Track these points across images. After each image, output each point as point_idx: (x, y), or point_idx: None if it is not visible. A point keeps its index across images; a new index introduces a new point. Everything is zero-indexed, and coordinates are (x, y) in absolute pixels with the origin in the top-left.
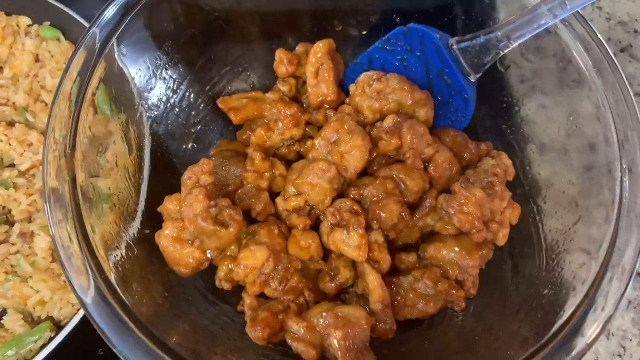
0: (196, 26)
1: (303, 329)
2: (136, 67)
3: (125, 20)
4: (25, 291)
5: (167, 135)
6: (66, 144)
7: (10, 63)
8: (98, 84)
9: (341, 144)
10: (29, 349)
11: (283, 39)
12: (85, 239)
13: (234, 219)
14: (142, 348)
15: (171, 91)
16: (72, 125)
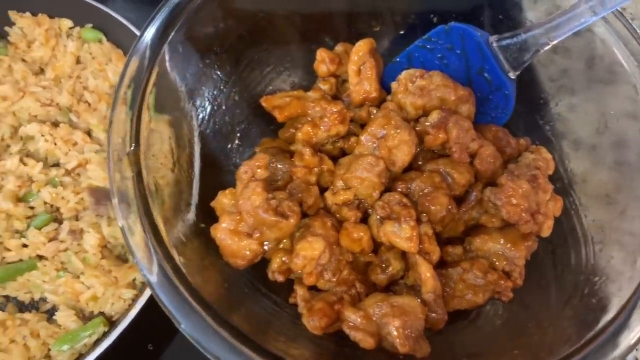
0: (241, 27)
1: (360, 319)
2: (185, 69)
3: (175, 24)
4: (77, 287)
5: (214, 134)
6: (128, 144)
7: (52, 65)
8: (152, 87)
9: (389, 139)
10: (84, 343)
11: (321, 40)
12: (152, 229)
13: (293, 210)
14: (207, 328)
15: (218, 91)
16: (132, 127)
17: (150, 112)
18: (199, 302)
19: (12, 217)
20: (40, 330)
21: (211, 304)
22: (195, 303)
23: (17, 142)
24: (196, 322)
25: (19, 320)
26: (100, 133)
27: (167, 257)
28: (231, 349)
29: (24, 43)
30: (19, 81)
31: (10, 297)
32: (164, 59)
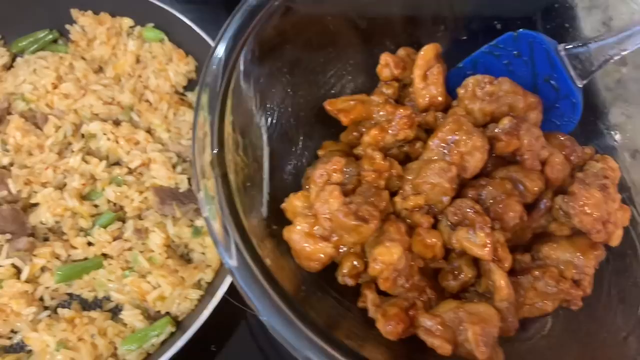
0: (308, 32)
1: (437, 325)
2: (257, 74)
3: (248, 30)
4: (144, 287)
5: (280, 138)
6: (210, 146)
7: (112, 63)
8: (229, 92)
9: (460, 144)
10: (152, 343)
11: (382, 44)
12: (236, 223)
13: (373, 215)
14: (285, 318)
15: (284, 94)
16: (213, 131)
17: (229, 116)
18: (278, 294)
19: (77, 215)
20: (107, 328)
21: (290, 296)
22: (274, 294)
23: (79, 140)
24: (274, 313)
25: (86, 319)
26: (162, 133)
27: (250, 249)
28: (309, 341)
29: (84, 41)
30: (80, 79)
31: (74, 295)
32: (238, 64)
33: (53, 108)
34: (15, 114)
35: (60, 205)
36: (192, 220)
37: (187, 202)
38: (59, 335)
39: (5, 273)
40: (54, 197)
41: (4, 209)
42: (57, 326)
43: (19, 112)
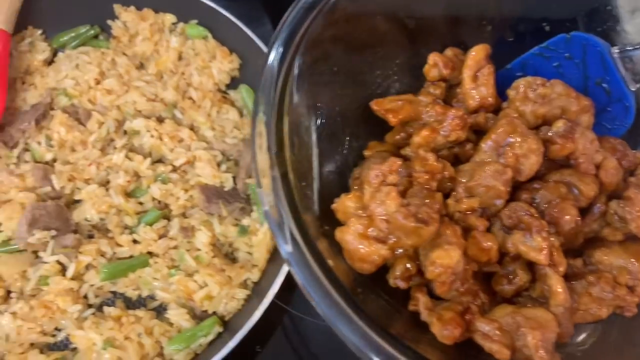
0: (357, 32)
1: (495, 330)
2: (309, 75)
3: (301, 31)
4: (191, 286)
5: (328, 139)
6: (271, 146)
7: (154, 60)
8: (285, 92)
9: (515, 147)
10: (199, 343)
11: (427, 44)
12: (296, 220)
13: (432, 217)
14: (342, 312)
15: (333, 94)
16: (270, 130)
17: (286, 116)
18: (337, 289)
19: (122, 212)
20: (153, 328)
21: (347, 290)
22: (333, 288)
23: (122, 137)
24: (336, 309)
25: (132, 317)
26: (206, 130)
27: (309, 244)
28: (363, 334)
29: (126, 37)
30: (123, 75)
31: (117, 293)
32: (293, 65)
33: (95, 104)
34: (58, 110)
35: (105, 202)
36: (237, 219)
37: (232, 200)
38: (106, 333)
39: (51, 270)
40: (99, 194)
41: (49, 205)
42: (104, 324)
43: (61, 108)
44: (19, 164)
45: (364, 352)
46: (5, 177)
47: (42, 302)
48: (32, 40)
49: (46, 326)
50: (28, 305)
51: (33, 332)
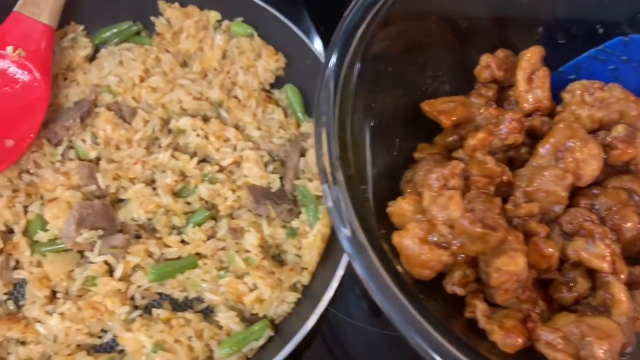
0: (412, 30)
1: (559, 339)
2: (365, 74)
3: (357, 35)
4: (241, 288)
5: (378, 139)
6: (333, 148)
7: (199, 58)
8: (343, 96)
9: (575, 151)
10: (250, 347)
11: (476, 46)
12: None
13: (499, 223)
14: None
15: (385, 95)
16: (333, 133)
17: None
18: (400, 288)
19: (170, 212)
20: (203, 330)
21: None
22: (397, 287)
23: (166, 136)
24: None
25: (182, 320)
26: (253, 130)
27: (372, 241)
28: (421, 328)
29: (169, 34)
30: (167, 73)
31: (164, 295)
32: (352, 68)
33: (140, 102)
34: (102, 107)
35: (153, 201)
36: (285, 221)
37: (280, 202)
38: (156, 336)
39: (98, 270)
40: (146, 194)
41: (96, 204)
42: (154, 327)
43: (105, 105)
44: (64, 162)
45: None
46: (50, 174)
47: (90, 303)
48: (75, 36)
49: (93, 328)
50: (76, 306)
51: (80, 333)
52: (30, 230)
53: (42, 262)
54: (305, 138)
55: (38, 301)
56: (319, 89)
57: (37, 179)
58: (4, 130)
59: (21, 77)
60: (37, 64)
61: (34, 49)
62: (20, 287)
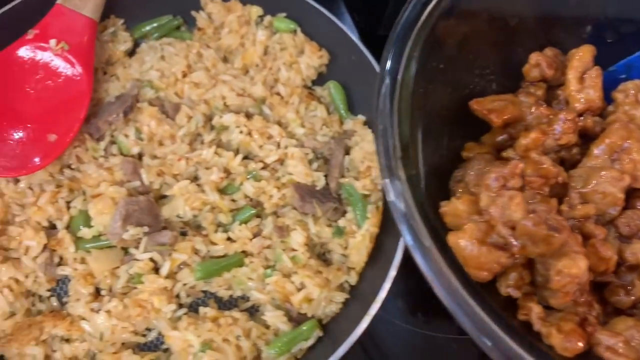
0: (463, 27)
1: (620, 343)
2: (422, 71)
3: (415, 27)
4: (288, 287)
5: (427, 139)
6: (394, 146)
7: (240, 53)
8: (401, 94)
9: (632, 152)
10: (300, 348)
11: (524, 44)
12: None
13: (562, 225)
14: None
15: (436, 94)
16: (393, 131)
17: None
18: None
19: (215, 209)
20: (251, 330)
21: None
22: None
23: (209, 132)
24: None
25: (230, 319)
26: (297, 128)
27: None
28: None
29: (210, 29)
30: (209, 68)
31: (208, 293)
32: (409, 66)
33: (182, 97)
34: (145, 102)
35: (199, 198)
36: (330, 220)
37: (325, 200)
38: (204, 335)
39: (144, 267)
40: (191, 190)
41: (141, 200)
42: (202, 326)
43: (147, 100)
44: (107, 157)
45: None
46: (94, 170)
47: (136, 301)
48: (115, 30)
49: (138, 326)
50: (122, 304)
51: (126, 331)
52: (73, 226)
53: (86, 259)
54: (349, 136)
55: (83, 298)
56: (378, 86)
57: (80, 174)
58: (47, 124)
59: (64, 70)
60: (79, 58)
61: (76, 42)
62: (63, 283)
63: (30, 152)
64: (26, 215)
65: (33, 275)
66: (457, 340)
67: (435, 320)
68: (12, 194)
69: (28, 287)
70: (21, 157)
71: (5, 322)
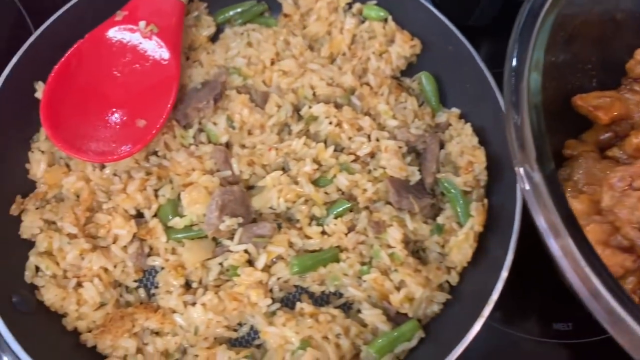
0: (575, 21)
1: None
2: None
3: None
4: (387, 285)
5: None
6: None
7: (325, 42)
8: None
9: None
10: (402, 349)
11: (625, 39)
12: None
13: None
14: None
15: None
16: (525, 123)
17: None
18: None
19: (309, 202)
20: (350, 328)
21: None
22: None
23: (297, 122)
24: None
25: (328, 316)
26: (389, 119)
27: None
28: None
29: (297, 15)
30: (297, 57)
31: (299, 288)
32: (532, 60)
33: (270, 86)
34: (232, 90)
35: (292, 190)
36: (425, 216)
37: (421, 196)
38: (303, 332)
39: (239, 260)
40: (284, 181)
41: (236, 190)
42: (301, 322)
43: (234, 88)
44: (198, 146)
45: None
46: (184, 158)
47: (231, 294)
48: (198, 15)
49: (231, 320)
50: (217, 297)
51: (220, 325)
52: (161, 215)
53: (177, 250)
54: (443, 129)
55: (174, 290)
56: (507, 77)
57: (167, 162)
58: (136, 109)
59: (152, 54)
60: (168, 41)
61: (165, 25)
62: (150, 274)
63: (119, 137)
64: (114, 203)
65: (121, 265)
66: (540, 343)
67: (515, 318)
68: (98, 180)
69: (116, 278)
70: (110, 142)
71: (95, 312)
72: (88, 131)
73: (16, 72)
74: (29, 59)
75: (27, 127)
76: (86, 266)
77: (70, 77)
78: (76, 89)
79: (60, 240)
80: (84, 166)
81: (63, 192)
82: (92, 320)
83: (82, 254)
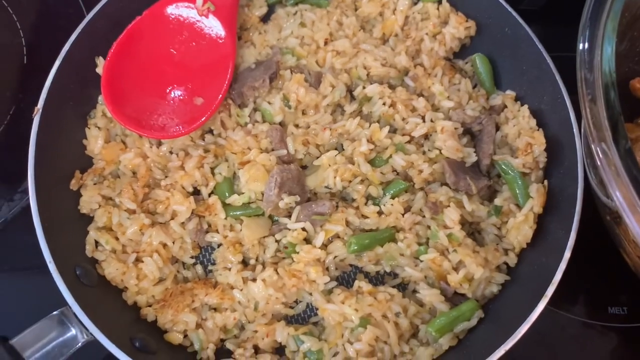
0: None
1: None
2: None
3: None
4: (445, 265)
5: None
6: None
7: (377, 23)
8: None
9: None
10: (462, 329)
11: None
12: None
13: None
14: None
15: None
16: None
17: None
18: None
19: (365, 181)
20: (408, 307)
21: None
22: None
23: (350, 102)
24: None
25: (387, 295)
26: (443, 100)
27: None
28: None
29: None
30: (350, 37)
31: (354, 267)
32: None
33: (323, 66)
34: (286, 70)
35: (348, 169)
36: (482, 198)
37: (478, 177)
38: (363, 309)
39: (297, 237)
40: (339, 161)
41: (293, 168)
42: (362, 300)
43: (288, 67)
44: (254, 124)
45: None
46: (240, 136)
47: (290, 271)
48: None
49: (289, 297)
50: (276, 274)
51: (279, 302)
52: (217, 192)
53: (234, 227)
54: (497, 111)
55: (233, 267)
56: (581, 59)
57: (223, 140)
58: (193, 87)
59: (208, 32)
60: (224, 20)
61: (221, 4)
62: (206, 251)
63: (178, 114)
64: (171, 180)
65: (180, 241)
66: (590, 326)
67: (568, 301)
68: (155, 157)
69: (174, 254)
70: (169, 119)
71: (155, 287)
72: (147, 107)
73: (74, 49)
74: (85, 36)
75: (84, 104)
76: (146, 241)
77: (130, 53)
78: (135, 65)
79: (119, 215)
80: (141, 143)
81: (120, 169)
82: (151, 294)
83: (142, 229)
